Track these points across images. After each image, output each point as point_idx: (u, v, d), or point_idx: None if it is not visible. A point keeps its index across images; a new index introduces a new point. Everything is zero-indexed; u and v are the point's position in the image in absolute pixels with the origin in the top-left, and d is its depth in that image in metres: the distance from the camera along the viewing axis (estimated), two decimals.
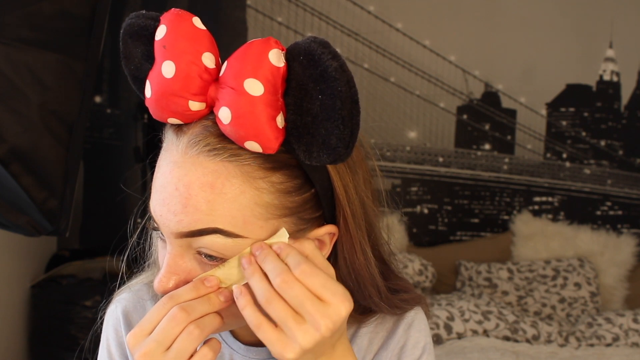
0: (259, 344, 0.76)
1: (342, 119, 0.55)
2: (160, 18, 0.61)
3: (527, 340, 2.38)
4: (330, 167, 0.64)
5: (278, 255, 0.60)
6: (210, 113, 0.61)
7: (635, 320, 2.47)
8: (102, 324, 0.83)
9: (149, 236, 0.77)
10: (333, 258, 0.70)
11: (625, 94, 3.20)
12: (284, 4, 2.91)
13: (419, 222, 3.16)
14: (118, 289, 0.83)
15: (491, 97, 3.17)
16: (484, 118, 3.17)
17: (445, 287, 2.84)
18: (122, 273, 0.82)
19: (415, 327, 0.79)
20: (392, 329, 0.78)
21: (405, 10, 3.05)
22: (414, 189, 3.17)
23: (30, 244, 2.46)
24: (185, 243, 0.62)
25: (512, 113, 3.17)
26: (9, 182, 1.09)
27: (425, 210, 3.18)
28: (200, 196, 0.59)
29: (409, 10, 3.06)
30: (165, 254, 0.64)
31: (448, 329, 2.34)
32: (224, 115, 0.57)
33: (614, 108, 3.21)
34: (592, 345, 2.40)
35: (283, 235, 0.62)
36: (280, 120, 0.58)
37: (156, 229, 0.65)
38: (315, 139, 0.57)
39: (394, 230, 2.90)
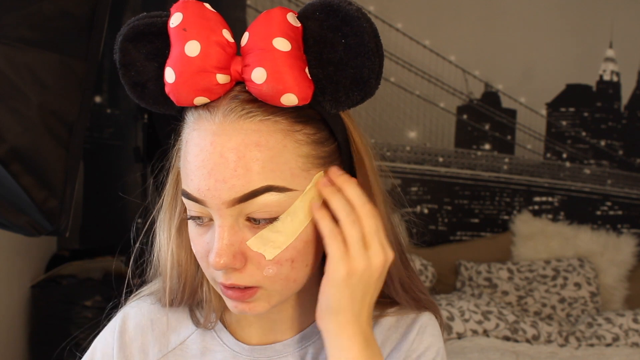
0: (263, 344, 0.76)
1: (371, 50, 0.60)
2: (171, 9, 0.64)
3: (527, 340, 2.38)
4: (347, 121, 0.69)
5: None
6: (234, 87, 0.64)
7: (635, 320, 2.47)
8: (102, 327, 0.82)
9: (152, 240, 0.77)
10: None
11: (625, 94, 3.20)
12: (284, 4, 2.91)
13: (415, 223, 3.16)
14: (125, 291, 0.82)
15: (491, 97, 3.17)
16: (484, 118, 3.17)
17: (445, 287, 2.83)
18: (129, 277, 0.81)
19: (429, 331, 0.79)
20: (405, 332, 0.78)
21: (405, 10, 3.05)
22: (414, 189, 3.17)
23: (30, 244, 2.46)
24: (235, 211, 0.63)
25: (512, 113, 3.17)
26: (9, 182, 1.09)
27: (425, 210, 3.18)
28: (248, 157, 0.62)
29: (409, 10, 3.06)
30: (204, 237, 0.65)
31: (448, 329, 2.34)
32: (259, 75, 0.60)
33: (614, 108, 3.21)
34: (592, 345, 2.40)
35: (319, 179, 0.67)
36: (307, 73, 0.63)
37: (194, 217, 0.65)
38: (340, 84, 0.62)
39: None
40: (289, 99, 0.61)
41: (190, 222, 0.67)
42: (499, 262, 2.84)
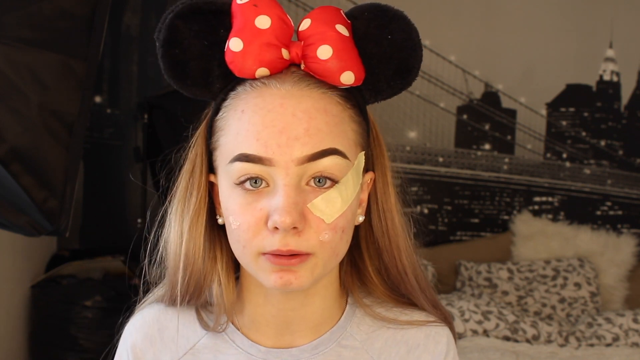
0: (278, 347, 0.75)
1: (417, 44, 0.70)
2: None
3: (527, 340, 2.38)
4: (371, 116, 0.74)
5: None
6: (289, 66, 0.68)
7: (635, 320, 2.47)
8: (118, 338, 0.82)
9: (158, 236, 0.76)
10: (367, 218, 0.76)
11: (625, 94, 3.20)
12: (284, 3, 2.91)
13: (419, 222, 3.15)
14: (140, 292, 0.82)
15: (491, 97, 3.17)
16: (484, 118, 3.17)
17: (445, 287, 2.83)
18: (143, 278, 0.80)
19: (444, 338, 0.79)
20: (414, 336, 0.78)
21: (405, 11, 3.05)
22: (414, 189, 3.17)
23: (30, 244, 2.46)
24: (301, 171, 0.65)
25: (512, 113, 3.17)
26: (9, 182, 1.09)
27: (425, 210, 3.18)
28: (319, 118, 0.66)
29: (409, 11, 3.02)
30: (256, 204, 0.66)
31: None
32: (324, 51, 0.66)
33: (614, 108, 3.21)
34: (592, 345, 2.40)
35: (362, 159, 0.71)
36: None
37: (249, 179, 0.66)
38: (381, 75, 0.69)
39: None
40: (348, 77, 0.67)
41: (237, 193, 0.67)
42: (499, 262, 2.84)
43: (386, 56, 0.69)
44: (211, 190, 0.74)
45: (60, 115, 1.11)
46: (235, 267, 0.77)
